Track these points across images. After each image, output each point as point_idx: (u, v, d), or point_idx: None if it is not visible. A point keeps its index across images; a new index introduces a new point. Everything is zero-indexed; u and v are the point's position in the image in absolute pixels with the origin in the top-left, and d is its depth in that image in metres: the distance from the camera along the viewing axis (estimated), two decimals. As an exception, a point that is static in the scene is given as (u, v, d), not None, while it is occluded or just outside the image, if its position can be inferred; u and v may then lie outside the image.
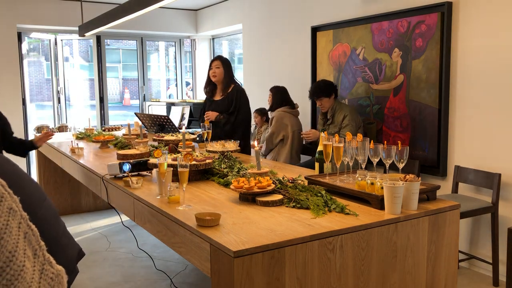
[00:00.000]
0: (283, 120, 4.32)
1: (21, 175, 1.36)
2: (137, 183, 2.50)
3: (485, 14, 3.35)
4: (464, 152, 3.58)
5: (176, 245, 1.97)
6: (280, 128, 4.31)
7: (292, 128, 4.31)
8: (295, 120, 4.40)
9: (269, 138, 4.34)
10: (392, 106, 4.05)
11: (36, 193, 1.36)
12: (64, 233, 1.38)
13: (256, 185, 2.12)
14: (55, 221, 1.36)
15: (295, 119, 4.39)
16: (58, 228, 1.35)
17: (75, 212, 5.27)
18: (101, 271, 3.65)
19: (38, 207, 1.30)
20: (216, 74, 4.01)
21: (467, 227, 3.61)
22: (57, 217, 1.41)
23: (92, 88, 7.75)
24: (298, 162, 4.35)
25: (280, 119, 4.32)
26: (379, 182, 2.00)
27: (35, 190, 1.38)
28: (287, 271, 1.63)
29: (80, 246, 1.50)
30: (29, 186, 1.35)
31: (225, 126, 3.98)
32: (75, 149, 3.76)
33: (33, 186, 1.38)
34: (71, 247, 1.40)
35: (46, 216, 1.31)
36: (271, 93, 4.56)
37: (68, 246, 1.37)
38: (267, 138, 4.36)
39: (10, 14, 6.00)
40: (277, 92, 4.52)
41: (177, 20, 7.25)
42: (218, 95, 4.11)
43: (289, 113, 4.36)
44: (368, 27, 4.22)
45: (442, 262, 2.05)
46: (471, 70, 3.47)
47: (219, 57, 4.09)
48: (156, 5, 3.34)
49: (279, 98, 4.47)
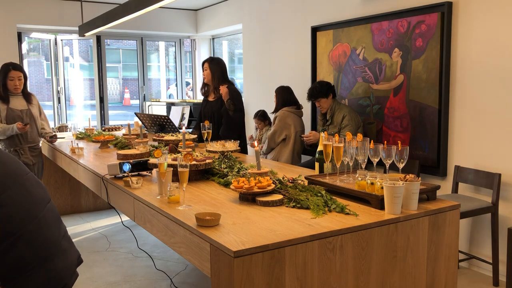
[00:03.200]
0: (286, 119, 4.29)
1: (27, 174, 1.36)
2: (137, 183, 2.50)
3: (485, 14, 3.35)
4: (464, 152, 3.58)
5: (176, 245, 1.97)
6: (283, 127, 4.28)
7: (295, 128, 4.29)
8: (299, 120, 4.37)
9: (271, 136, 4.31)
10: (392, 106, 4.05)
11: (40, 194, 1.35)
12: (65, 237, 1.38)
13: (256, 185, 2.12)
14: (57, 224, 1.35)
15: (298, 120, 4.36)
16: (59, 232, 1.35)
17: (75, 212, 5.27)
18: (101, 271, 3.65)
19: (40, 209, 1.29)
20: (205, 75, 4.12)
21: (467, 227, 3.61)
22: (59, 220, 1.41)
23: (92, 88, 7.75)
24: (298, 163, 4.34)
25: (283, 119, 4.29)
26: (379, 182, 2.00)
27: (41, 190, 1.37)
28: (287, 271, 1.63)
29: (80, 253, 1.49)
30: (33, 186, 1.34)
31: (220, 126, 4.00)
32: (75, 149, 3.76)
33: (38, 187, 1.38)
34: (71, 252, 1.39)
35: (48, 218, 1.30)
36: (276, 94, 4.53)
37: (68, 250, 1.37)
38: (269, 137, 4.33)
39: (10, 14, 6.01)
40: (280, 92, 4.48)
41: (177, 20, 7.25)
42: (211, 96, 4.14)
43: (293, 113, 4.33)
44: (368, 27, 4.22)
45: (442, 262, 2.05)
46: (471, 70, 3.47)
47: (208, 59, 4.14)
48: (156, 5, 3.34)
49: (282, 98, 4.43)
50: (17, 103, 4.16)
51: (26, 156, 4.18)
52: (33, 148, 4.26)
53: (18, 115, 4.14)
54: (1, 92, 4.08)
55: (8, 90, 4.12)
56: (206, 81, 4.13)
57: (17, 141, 4.14)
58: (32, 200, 1.29)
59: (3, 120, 4.07)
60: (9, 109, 4.09)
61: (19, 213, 1.21)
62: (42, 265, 1.23)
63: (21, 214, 1.22)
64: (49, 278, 1.24)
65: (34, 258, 1.21)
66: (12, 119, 4.09)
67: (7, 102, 4.10)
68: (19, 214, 1.21)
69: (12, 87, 4.11)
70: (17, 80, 4.11)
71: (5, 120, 4.08)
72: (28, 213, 1.25)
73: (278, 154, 4.32)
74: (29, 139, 4.20)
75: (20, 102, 4.18)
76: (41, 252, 1.24)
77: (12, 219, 1.19)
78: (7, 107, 4.09)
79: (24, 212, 1.23)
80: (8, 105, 4.10)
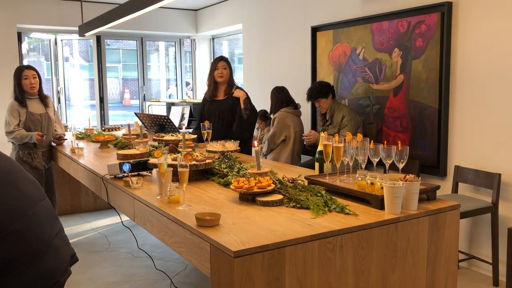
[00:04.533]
0: (285, 120, 4.29)
1: (19, 173, 1.36)
2: (137, 183, 2.50)
3: (485, 14, 3.35)
4: (464, 152, 3.58)
5: (176, 245, 1.97)
6: (282, 129, 4.28)
7: (294, 129, 4.29)
8: (298, 120, 4.37)
9: (271, 138, 4.31)
10: (392, 106, 4.05)
11: (32, 192, 1.36)
12: (58, 236, 1.38)
13: (256, 185, 2.12)
14: (50, 222, 1.36)
15: (297, 120, 4.36)
16: (51, 230, 1.35)
17: (75, 212, 5.26)
18: (101, 271, 3.65)
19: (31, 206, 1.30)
20: (223, 75, 4.01)
21: (467, 227, 3.61)
22: (54, 219, 1.41)
23: (92, 88, 7.75)
24: (298, 163, 4.34)
25: (282, 120, 4.29)
26: (379, 182, 2.00)
27: (33, 188, 1.38)
28: (287, 271, 1.63)
29: (75, 252, 1.49)
30: (25, 185, 1.35)
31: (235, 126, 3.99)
32: (75, 149, 3.76)
33: (31, 185, 1.38)
34: (64, 250, 1.39)
35: (39, 216, 1.31)
36: (271, 95, 4.51)
37: (60, 248, 1.37)
38: (269, 138, 4.33)
39: (10, 14, 6.01)
40: (275, 93, 4.47)
41: (177, 20, 7.25)
42: (221, 95, 4.11)
43: (291, 113, 4.33)
44: (368, 27, 4.22)
45: (442, 262, 2.05)
46: (471, 70, 3.47)
47: (225, 58, 4.09)
48: (156, 5, 3.34)
49: (277, 99, 4.42)
50: (35, 107, 4.13)
51: (38, 161, 4.18)
52: (45, 152, 4.27)
53: (38, 119, 4.11)
54: (18, 94, 4.04)
55: (24, 92, 4.06)
56: (222, 80, 4.03)
57: (31, 144, 4.12)
58: (22, 198, 1.29)
59: (21, 124, 4.03)
60: (28, 113, 4.06)
61: (7, 212, 1.22)
62: (33, 262, 1.24)
63: (9, 212, 1.22)
64: (38, 276, 1.25)
65: (24, 254, 1.21)
66: (32, 123, 4.07)
67: (26, 106, 4.06)
68: (7, 213, 1.22)
69: (28, 87, 4.05)
70: (32, 78, 4.06)
71: (24, 124, 4.04)
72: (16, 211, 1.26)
73: (278, 154, 4.32)
74: (44, 143, 4.19)
75: (38, 106, 4.15)
76: (30, 250, 1.24)
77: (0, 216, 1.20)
78: (27, 111, 4.05)
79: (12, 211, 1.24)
80: (28, 109, 4.06)
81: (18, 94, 4.04)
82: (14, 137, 4.00)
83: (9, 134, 4.02)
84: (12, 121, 4.00)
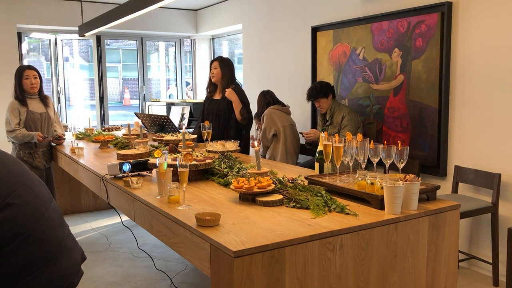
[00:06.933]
0: (271, 116, 4.40)
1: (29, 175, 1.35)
2: (137, 183, 2.50)
3: (485, 14, 3.35)
4: (464, 152, 3.58)
5: (176, 245, 1.97)
6: (270, 124, 4.38)
7: (282, 123, 4.36)
8: (285, 116, 4.46)
9: (263, 135, 4.43)
10: (392, 106, 4.05)
11: (44, 193, 1.35)
12: (69, 236, 1.38)
13: (256, 185, 2.12)
14: (61, 223, 1.35)
15: (284, 115, 4.45)
16: (63, 230, 1.34)
17: (75, 212, 5.26)
18: (101, 271, 3.65)
19: (46, 208, 1.29)
20: (214, 74, 4.09)
21: (467, 227, 3.61)
22: (62, 219, 1.40)
23: (92, 88, 7.75)
24: (296, 157, 4.39)
25: (269, 116, 4.40)
26: (379, 182, 2.00)
27: (44, 190, 1.37)
28: (287, 271, 1.63)
29: (83, 250, 1.49)
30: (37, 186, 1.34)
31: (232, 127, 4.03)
32: (75, 149, 3.76)
33: (41, 186, 1.38)
34: (76, 250, 1.39)
35: (53, 217, 1.30)
36: (257, 100, 4.65)
37: (73, 249, 1.37)
38: (261, 136, 4.46)
39: (10, 14, 6.00)
40: (260, 97, 4.62)
41: (177, 20, 7.25)
42: (218, 94, 4.15)
43: (277, 109, 4.44)
44: (368, 27, 4.22)
45: (442, 262, 2.05)
46: (471, 70, 3.47)
47: (218, 58, 4.12)
48: (156, 5, 3.34)
49: (262, 102, 4.58)
50: (35, 106, 4.16)
51: (39, 160, 4.19)
52: (46, 151, 4.28)
53: (38, 118, 4.14)
54: (18, 93, 4.07)
55: (25, 91, 4.10)
56: (214, 80, 4.10)
57: (32, 144, 4.14)
58: (37, 199, 1.28)
59: (22, 123, 4.05)
60: (29, 111, 4.08)
61: (27, 213, 1.21)
62: (49, 265, 1.23)
63: (29, 214, 1.21)
64: (55, 277, 1.24)
65: (41, 258, 1.20)
66: (33, 122, 4.09)
67: (26, 105, 4.09)
68: (27, 214, 1.21)
69: (29, 86, 4.09)
70: (33, 78, 4.10)
71: (24, 123, 4.06)
72: (35, 213, 1.25)
73: (274, 151, 4.39)
74: (44, 143, 4.21)
75: (38, 105, 4.18)
76: (48, 252, 1.24)
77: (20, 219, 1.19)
78: (27, 110, 4.08)
79: (31, 212, 1.23)
80: (28, 108, 4.09)
81: (18, 93, 4.07)
82: (15, 136, 4.01)
83: (10, 133, 4.03)
84: (13, 119, 4.02)
